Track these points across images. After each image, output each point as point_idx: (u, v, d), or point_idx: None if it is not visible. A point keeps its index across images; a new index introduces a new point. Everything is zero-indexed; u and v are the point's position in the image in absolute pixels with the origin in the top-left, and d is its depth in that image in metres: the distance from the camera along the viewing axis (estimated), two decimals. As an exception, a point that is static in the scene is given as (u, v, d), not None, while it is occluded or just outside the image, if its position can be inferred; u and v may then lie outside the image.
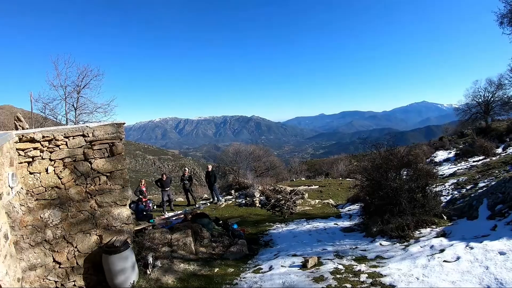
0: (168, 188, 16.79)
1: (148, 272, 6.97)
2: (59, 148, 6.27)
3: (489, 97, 32.77)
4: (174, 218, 12.50)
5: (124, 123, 7.01)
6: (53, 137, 6.15)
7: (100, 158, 6.63)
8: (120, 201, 6.81)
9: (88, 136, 6.51)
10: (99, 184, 6.61)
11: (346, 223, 12.18)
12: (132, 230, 7.24)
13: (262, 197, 17.75)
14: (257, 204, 17.00)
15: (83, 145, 6.49)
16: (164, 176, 16.81)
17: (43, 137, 6.06)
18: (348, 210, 15.65)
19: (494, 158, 19.22)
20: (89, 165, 6.52)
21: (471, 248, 6.14)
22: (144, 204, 14.17)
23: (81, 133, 6.45)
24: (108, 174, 6.71)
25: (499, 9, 17.72)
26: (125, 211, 6.90)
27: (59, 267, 6.20)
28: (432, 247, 6.91)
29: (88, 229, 6.49)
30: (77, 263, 6.37)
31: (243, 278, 6.96)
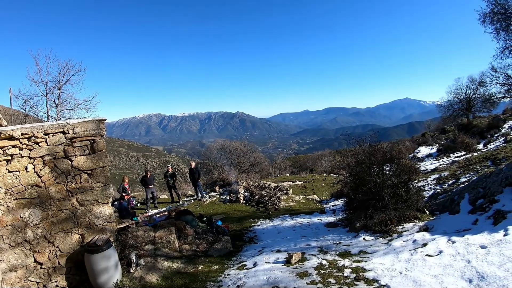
0: (152, 186, 16.66)
1: (132, 271, 6.89)
2: (39, 146, 6.13)
3: (471, 94, 33.31)
4: (157, 216, 12.41)
5: (105, 119, 6.90)
6: (32, 135, 6.01)
7: (81, 155, 6.52)
8: (102, 199, 6.72)
9: (68, 133, 6.38)
10: (80, 182, 6.51)
11: (330, 219, 12.27)
12: (115, 228, 7.16)
13: (246, 193, 17.76)
14: (242, 200, 17.04)
15: (63, 142, 6.36)
16: (147, 173, 16.68)
17: (22, 134, 5.91)
18: (332, 206, 15.78)
19: (475, 154, 19.55)
20: (70, 162, 6.40)
21: (453, 242, 6.25)
22: (127, 201, 14.03)
23: (61, 130, 6.32)
24: (89, 172, 6.61)
25: (481, 8, 18.11)
26: (107, 209, 6.81)
27: (41, 268, 6.09)
28: (414, 241, 7.02)
29: (69, 228, 6.38)
30: (59, 263, 6.26)
31: (228, 275, 6.96)
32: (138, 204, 17.64)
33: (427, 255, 6.06)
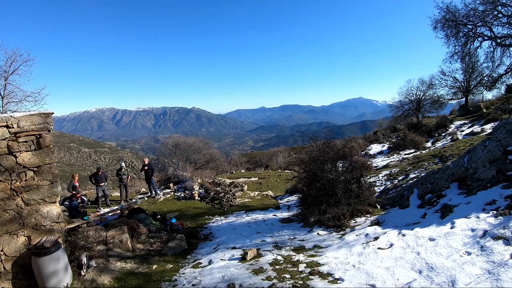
0: (103, 183, 16.09)
1: (83, 273, 6.64)
2: (-20, 141, 5.76)
3: (421, 96, 35.25)
4: (110, 214, 12.04)
5: (52, 113, 6.56)
6: (-28, 130, 5.63)
7: (26, 151, 6.17)
8: (49, 198, 6.40)
9: (13, 127, 6.00)
10: (26, 180, 6.16)
11: (285, 214, 12.41)
12: (64, 228, 6.86)
13: (201, 190, 17.65)
14: (196, 197, 16.92)
15: (7, 137, 5.98)
16: (99, 170, 16.10)
17: (-40, 129, 5.53)
18: (287, 201, 15.99)
19: (424, 151, 20.58)
20: (14, 159, 6.04)
21: (403, 235, 6.50)
22: (78, 200, 13.53)
23: (4, 124, 5.94)
24: (35, 169, 6.27)
25: (434, 14, 19.24)
26: (55, 209, 6.50)
27: (-15, 273, 5.73)
28: (367, 235, 7.25)
29: (14, 230, 6.02)
30: (4, 267, 5.89)
31: (182, 274, 6.89)
32: (89, 203, 17.03)
33: (379, 248, 6.27)
